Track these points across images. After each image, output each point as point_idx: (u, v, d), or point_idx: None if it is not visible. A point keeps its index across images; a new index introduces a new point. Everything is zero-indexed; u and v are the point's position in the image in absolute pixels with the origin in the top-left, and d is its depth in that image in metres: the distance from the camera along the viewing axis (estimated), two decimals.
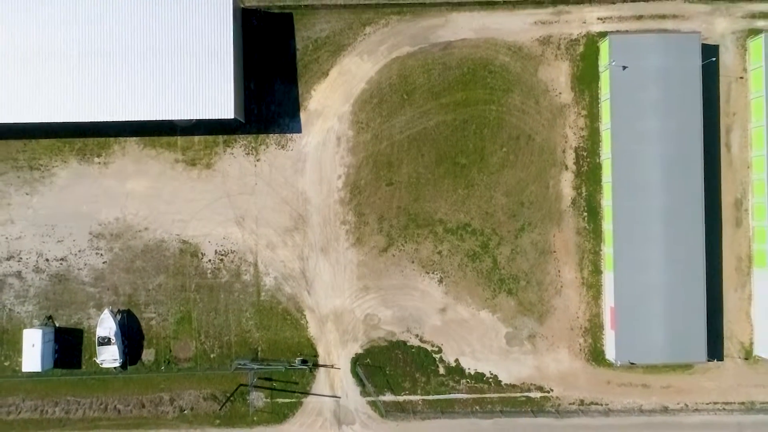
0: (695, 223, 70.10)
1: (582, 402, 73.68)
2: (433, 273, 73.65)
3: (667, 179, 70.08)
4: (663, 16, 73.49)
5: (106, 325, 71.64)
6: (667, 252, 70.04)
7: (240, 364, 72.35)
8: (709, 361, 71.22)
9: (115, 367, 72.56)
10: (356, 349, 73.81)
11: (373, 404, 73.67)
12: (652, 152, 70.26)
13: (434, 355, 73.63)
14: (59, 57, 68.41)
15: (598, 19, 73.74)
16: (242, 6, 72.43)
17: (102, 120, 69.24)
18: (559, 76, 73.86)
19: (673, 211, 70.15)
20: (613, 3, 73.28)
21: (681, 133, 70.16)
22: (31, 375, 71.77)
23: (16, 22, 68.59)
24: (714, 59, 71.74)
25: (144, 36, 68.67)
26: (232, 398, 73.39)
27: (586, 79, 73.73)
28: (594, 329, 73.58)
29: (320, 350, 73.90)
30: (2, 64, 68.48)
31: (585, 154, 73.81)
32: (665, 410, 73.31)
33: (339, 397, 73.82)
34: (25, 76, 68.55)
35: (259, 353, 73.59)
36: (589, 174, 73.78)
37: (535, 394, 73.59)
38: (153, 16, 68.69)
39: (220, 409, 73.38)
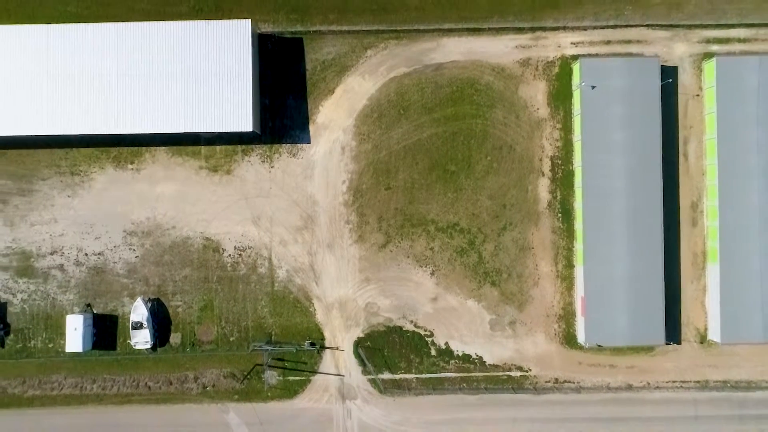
0: (655, 223, 75.04)
1: (557, 380, 78.10)
2: (425, 266, 78.25)
3: (630, 184, 74.96)
4: (628, 41, 78.41)
5: (139, 312, 76.13)
6: (631, 248, 74.86)
7: (256, 346, 76.75)
8: (667, 344, 75.96)
9: (146, 349, 77.10)
10: (358, 333, 78.07)
11: (373, 382, 78.02)
12: (617, 161, 75.02)
13: (426, 339, 78.09)
14: (103, 78, 73.94)
15: (572, 43, 78.48)
16: (259, 32, 77.61)
17: (139, 132, 74.45)
18: (537, 93, 78.53)
19: (636, 213, 74.98)
20: (585, 30, 78.39)
21: (643, 144, 75.03)
22: (73, 355, 76.71)
23: (70, 50, 74.13)
24: (671, 80, 76.69)
25: (176, 60, 73.74)
26: (249, 376, 77.81)
27: (560, 96, 78.34)
28: (567, 316, 78.22)
29: (326, 334, 78.13)
30: (55, 84, 73.91)
31: (559, 162, 78.48)
32: (630, 387, 77.84)
33: (343, 376, 77.98)
34: (73, 95, 73.89)
35: (272, 337, 77.89)
36: (563, 180, 78.36)
37: (516, 373, 78.06)
38: (184, 43, 73.83)
39: (240, 383, 77.89)
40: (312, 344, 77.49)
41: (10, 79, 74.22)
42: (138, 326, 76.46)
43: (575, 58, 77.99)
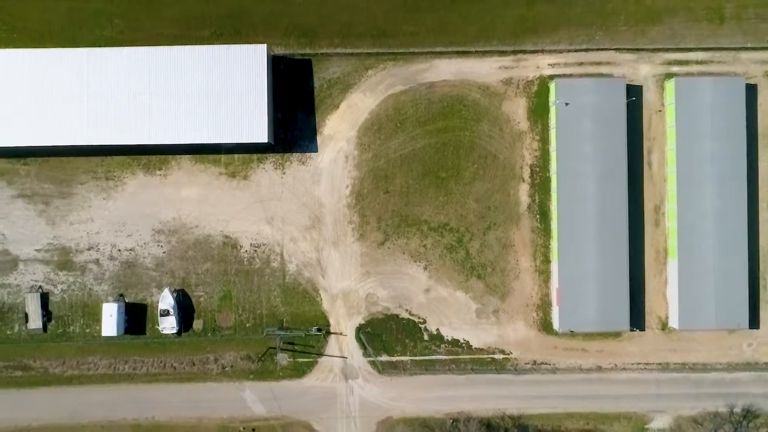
0: (621, 223, 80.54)
1: (535, 362, 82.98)
2: (419, 261, 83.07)
3: (600, 189, 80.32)
4: (599, 63, 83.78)
5: (166, 301, 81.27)
6: (600, 246, 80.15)
7: (269, 332, 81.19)
8: (632, 330, 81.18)
9: (172, 334, 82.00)
10: (359, 320, 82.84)
11: (373, 363, 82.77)
12: (588, 168, 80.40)
13: (420, 325, 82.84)
14: (136, 95, 79.63)
15: (549, 64, 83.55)
16: (272, 54, 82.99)
17: (167, 143, 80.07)
18: (518, 109, 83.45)
19: (604, 214, 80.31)
20: (560, 53, 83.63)
21: (611, 154, 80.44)
22: (108, 339, 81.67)
23: (107, 70, 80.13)
24: (635, 98, 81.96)
25: (200, 79, 79.50)
26: (263, 358, 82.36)
27: (539, 111, 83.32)
28: (544, 305, 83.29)
29: (331, 321, 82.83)
30: (93, 100, 79.61)
31: (538, 169, 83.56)
32: (599, 369, 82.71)
33: (346, 358, 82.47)
34: (109, 110, 79.52)
35: (284, 323, 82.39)
36: (541, 185, 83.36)
37: (498, 356, 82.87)
38: (207, 64, 79.65)
39: (255, 364, 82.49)
40: (319, 330, 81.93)
41: (54, 96, 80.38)
42: (165, 313, 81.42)
43: (552, 78, 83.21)
